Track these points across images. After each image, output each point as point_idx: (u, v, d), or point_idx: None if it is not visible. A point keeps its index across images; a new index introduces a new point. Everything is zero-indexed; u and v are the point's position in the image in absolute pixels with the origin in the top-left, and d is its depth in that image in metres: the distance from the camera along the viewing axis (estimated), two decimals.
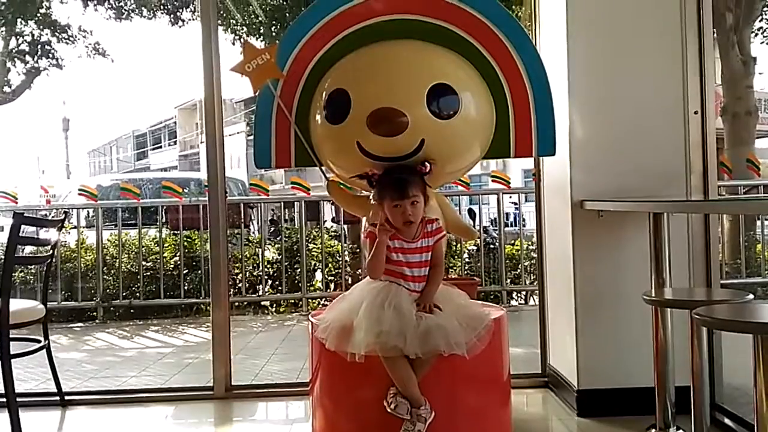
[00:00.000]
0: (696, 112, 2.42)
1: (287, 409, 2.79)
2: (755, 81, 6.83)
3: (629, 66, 2.44)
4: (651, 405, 2.20)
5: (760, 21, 7.54)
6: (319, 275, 5.10)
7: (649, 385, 2.21)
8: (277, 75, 2.22)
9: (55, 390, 2.76)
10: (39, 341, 2.67)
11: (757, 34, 7.66)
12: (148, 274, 4.98)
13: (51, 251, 2.82)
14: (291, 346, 3.89)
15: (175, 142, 27.72)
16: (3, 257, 2.42)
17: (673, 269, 2.25)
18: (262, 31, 7.21)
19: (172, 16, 8.15)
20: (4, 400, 2.31)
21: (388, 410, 1.89)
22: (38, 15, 8.58)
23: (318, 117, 2.20)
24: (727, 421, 2.23)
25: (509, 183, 5.11)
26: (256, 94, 2.28)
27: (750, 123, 6.55)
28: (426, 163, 2.02)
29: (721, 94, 6.57)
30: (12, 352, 2.36)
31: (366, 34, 2.19)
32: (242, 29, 7.24)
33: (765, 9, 7.47)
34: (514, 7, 4.68)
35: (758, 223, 5.14)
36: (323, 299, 4.86)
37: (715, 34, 5.97)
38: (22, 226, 2.42)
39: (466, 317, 1.98)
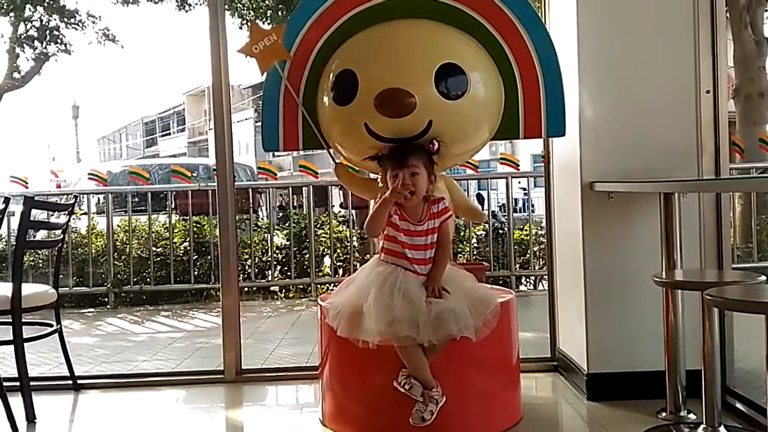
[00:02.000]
0: (708, 92, 2.37)
1: (297, 392, 2.80)
2: None
3: (640, 44, 2.40)
4: (661, 389, 2.19)
5: None
6: (327, 261, 5.11)
7: (660, 369, 2.20)
8: (285, 56, 2.20)
9: (68, 374, 2.78)
10: (51, 326, 2.69)
11: None
12: (159, 259, 5.00)
13: (62, 235, 2.83)
14: (300, 330, 3.90)
15: (183, 129, 27.79)
16: (14, 242, 2.43)
17: (684, 252, 2.23)
18: (269, 15, 7.18)
19: (178, 0, 8.11)
20: (18, 383, 2.34)
21: (401, 390, 1.91)
22: (46, 0, 8.57)
23: (325, 98, 2.18)
24: (738, 405, 2.21)
25: (518, 166, 5.06)
26: (263, 76, 2.26)
27: (762, 105, 6.46)
28: (434, 141, 2.01)
29: (733, 76, 6.46)
30: (25, 337, 2.38)
31: (373, 13, 2.16)
32: (249, 13, 7.21)
33: None
34: None
35: None
36: (332, 284, 4.88)
37: (728, 14, 5.85)
38: (33, 211, 2.43)
39: (474, 300, 1.97)
